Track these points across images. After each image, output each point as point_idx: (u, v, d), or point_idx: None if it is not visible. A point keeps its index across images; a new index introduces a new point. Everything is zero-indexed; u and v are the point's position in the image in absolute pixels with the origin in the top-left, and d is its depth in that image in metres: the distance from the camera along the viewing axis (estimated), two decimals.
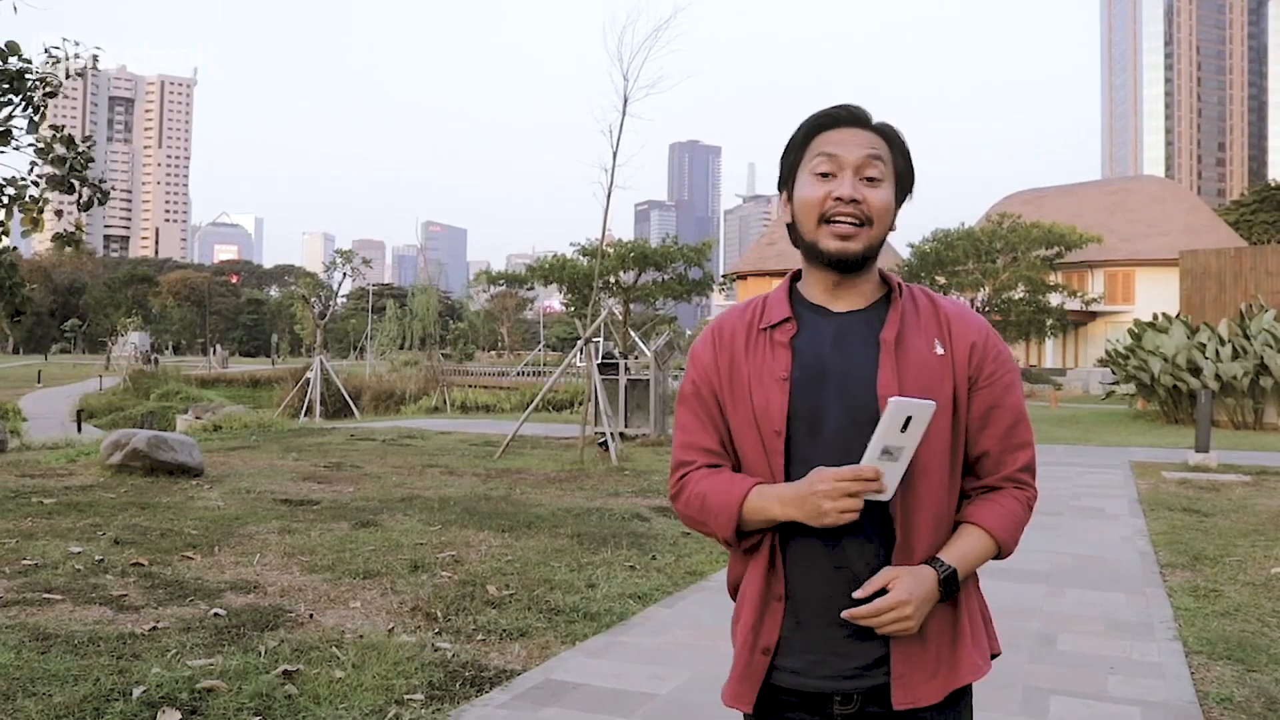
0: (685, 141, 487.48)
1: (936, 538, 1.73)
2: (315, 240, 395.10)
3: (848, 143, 1.74)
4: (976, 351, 1.76)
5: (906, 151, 1.81)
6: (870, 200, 1.73)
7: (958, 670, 1.74)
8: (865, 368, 1.71)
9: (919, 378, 1.70)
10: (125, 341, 69.05)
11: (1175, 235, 51.05)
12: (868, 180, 1.74)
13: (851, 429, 1.68)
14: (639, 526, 8.41)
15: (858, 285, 1.79)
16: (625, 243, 28.57)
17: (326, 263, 44.98)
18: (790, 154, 1.82)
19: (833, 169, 1.74)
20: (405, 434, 17.73)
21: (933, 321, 1.77)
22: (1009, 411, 1.78)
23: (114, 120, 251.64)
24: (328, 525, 8.05)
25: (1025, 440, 1.81)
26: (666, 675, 4.58)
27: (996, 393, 1.77)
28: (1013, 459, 1.80)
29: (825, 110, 1.79)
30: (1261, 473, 12.84)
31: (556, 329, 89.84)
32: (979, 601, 1.85)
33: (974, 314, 1.82)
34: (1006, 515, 1.78)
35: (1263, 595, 6.29)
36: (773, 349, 1.76)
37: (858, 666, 1.71)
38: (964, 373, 1.75)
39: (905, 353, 1.72)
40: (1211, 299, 22.84)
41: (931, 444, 1.69)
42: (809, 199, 1.75)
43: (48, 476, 10.55)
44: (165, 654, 4.56)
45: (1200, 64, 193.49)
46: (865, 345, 1.74)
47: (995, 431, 1.78)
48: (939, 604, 1.71)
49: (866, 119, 1.78)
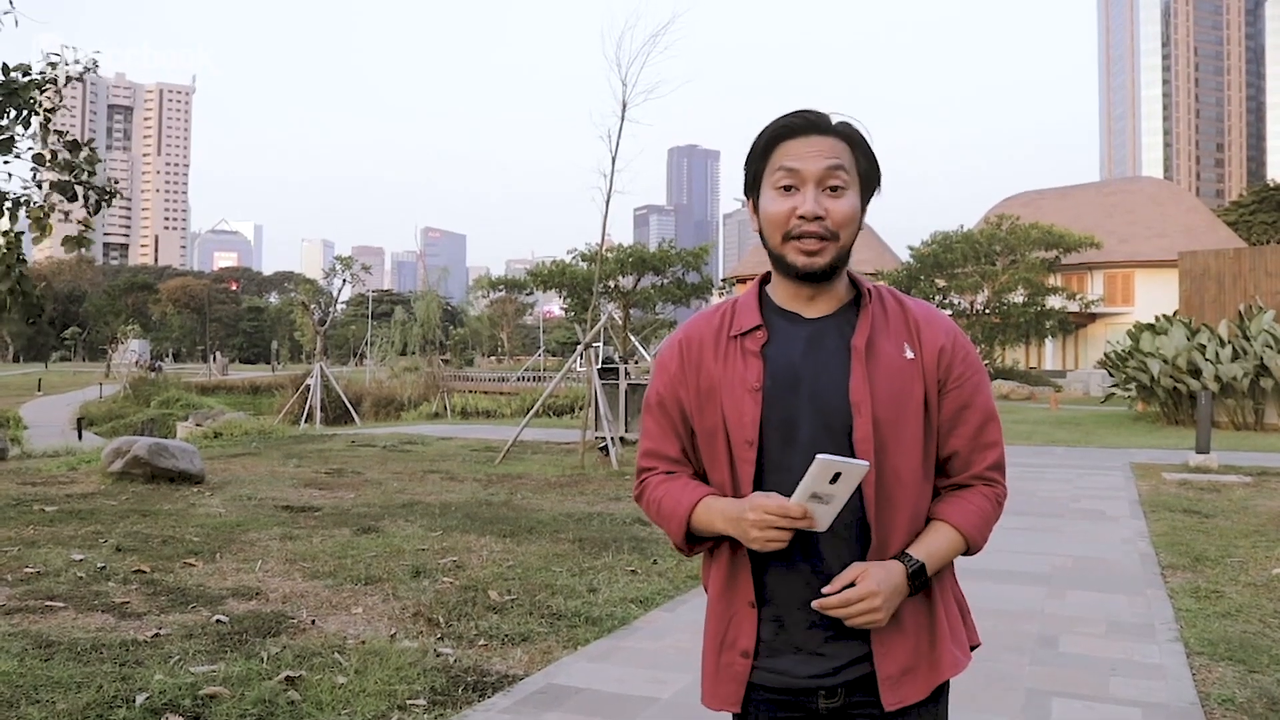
0: (684, 146, 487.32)
1: (912, 540, 1.76)
2: (314, 247, 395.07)
3: (808, 155, 1.74)
4: (945, 355, 1.78)
5: (869, 150, 1.80)
6: (834, 212, 1.73)
7: (939, 666, 1.76)
8: (837, 375, 1.73)
9: (890, 383, 1.72)
10: (125, 349, 69.09)
11: (1174, 236, 51.12)
12: (830, 190, 1.73)
13: (825, 436, 1.70)
14: (640, 531, 8.42)
15: (828, 290, 1.79)
16: (624, 247, 28.56)
17: (326, 269, 45.06)
18: (752, 163, 1.82)
19: (794, 182, 1.74)
20: (406, 440, 17.73)
21: (901, 325, 1.79)
22: (978, 412, 1.81)
23: (113, 128, 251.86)
24: (329, 531, 8.05)
25: (994, 440, 1.83)
26: (668, 679, 4.58)
27: (966, 394, 1.79)
28: (981, 458, 1.82)
29: (783, 119, 1.78)
30: (1262, 474, 12.84)
31: (556, 334, 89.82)
32: (955, 594, 1.88)
33: (941, 316, 1.84)
34: (975, 512, 1.80)
35: (1264, 596, 6.29)
36: (744, 358, 1.77)
37: (838, 665, 1.73)
38: (934, 376, 1.76)
39: (876, 359, 1.74)
40: (1211, 300, 22.84)
41: (904, 448, 1.73)
42: (773, 215, 1.75)
43: (49, 484, 10.55)
44: (168, 661, 4.57)
45: (1198, 65, 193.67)
46: (836, 352, 1.75)
47: (965, 432, 1.80)
48: (915, 599, 1.75)
49: (826, 124, 1.76)
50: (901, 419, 1.73)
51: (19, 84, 8.36)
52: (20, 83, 8.38)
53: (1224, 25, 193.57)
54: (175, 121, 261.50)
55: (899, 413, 1.72)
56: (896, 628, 1.73)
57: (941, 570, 1.81)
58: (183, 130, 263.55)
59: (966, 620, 1.89)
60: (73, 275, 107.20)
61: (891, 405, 1.72)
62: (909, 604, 1.74)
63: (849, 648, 1.73)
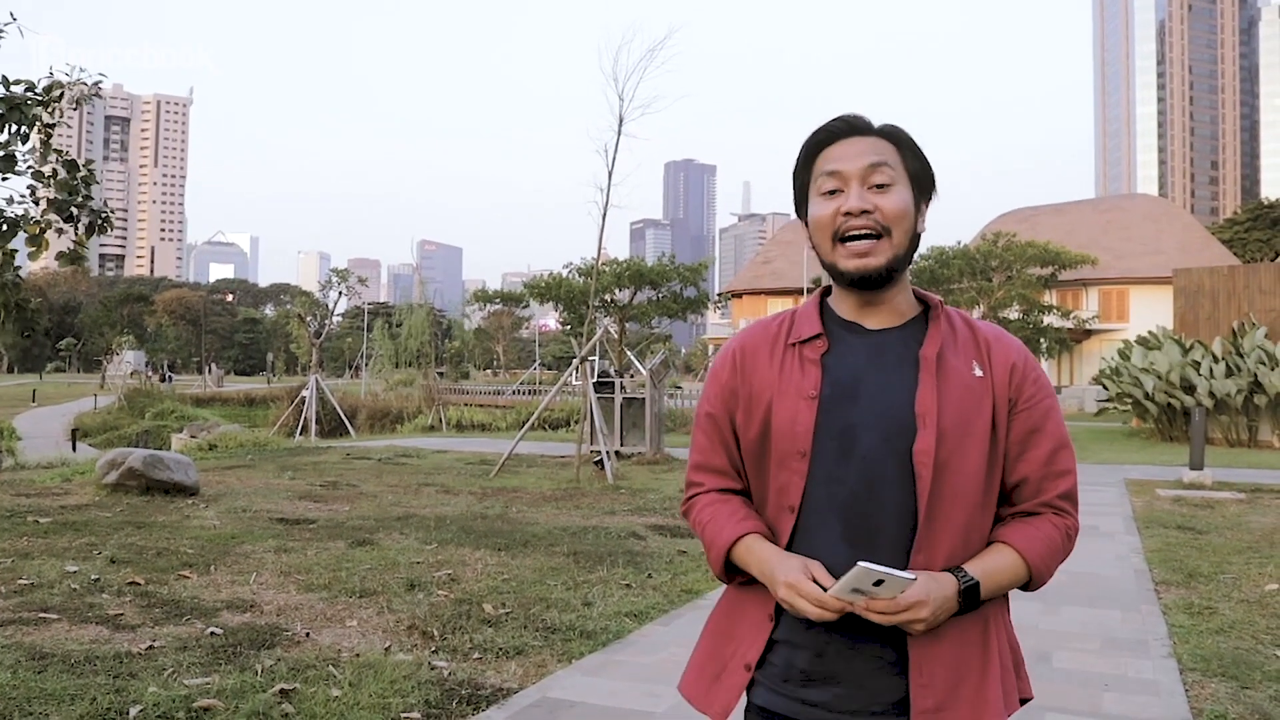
0: (680, 160, 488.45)
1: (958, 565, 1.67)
2: (311, 259, 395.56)
3: (848, 155, 1.68)
4: (1016, 374, 1.70)
5: (918, 150, 1.73)
6: (883, 206, 1.66)
7: (984, 711, 1.64)
8: (902, 385, 1.65)
9: (959, 398, 1.65)
10: (120, 361, 68.88)
11: (1169, 253, 51.27)
12: (876, 188, 1.66)
13: (884, 448, 1.62)
14: (635, 545, 8.42)
15: (890, 301, 1.72)
16: (621, 261, 28.59)
17: (322, 281, 45.05)
18: (798, 177, 1.77)
19: (838, 185, 1.68)
20: (401, 453, 17.71)
21: (970, 343, 1.72)
22: (1050, 437, 1.72)
23: (110, 139, 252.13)
24: (324, 544, 8.04)
25: (1067, 468, 1.73)
26: (663, 693, 4.58)
27: (1036, 417, 1.71)
28: (1053, 485, 1.72)
29: (823, 126, 1.73)
30: (1256, 490, 12.87)
31: (552, 348, 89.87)
32: (1010, 640, 1.77)
33: (1011, 337, 1.76)
34: (1041, 540, 1.69)
35: (1257, 612, 6.31)
36: (802, 365, 1.70)
37: (881, 704, 1.64)
38: (1004, 395, 1.68)
39: (946, 372, 1.66)
40: (1205, 317, 22.91)
41: (967, 467, 1.64)
42: (820, 219, 1.69)
43: (43, 495, 10.53)
44: (162, 673, 4.56)
45: (1192, 83, 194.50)
46: (902, 362, 1.67)
47: (1036, 456, 1.71)
48: (969, 635, 1.65)
49: (868, 126, 1.71)
50: (967, 437, 1.63)
51: (20, 99, 8.37)
52: (22, 98, 8.40)
53: (1218, 44, 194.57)
54: (172, 133, 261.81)
55: (965, 430, 1.63)
56: (939, 658, 1.62)
57: (998, 607, 1.72)
58: (180, 142, 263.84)
59: (1020, 668, 1.78)
60: (68, 287, 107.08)
61: (958, 421, 1.63)
62: (960, 636, 1.64)
63: (894, 684, 1.63)
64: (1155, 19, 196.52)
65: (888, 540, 1.62)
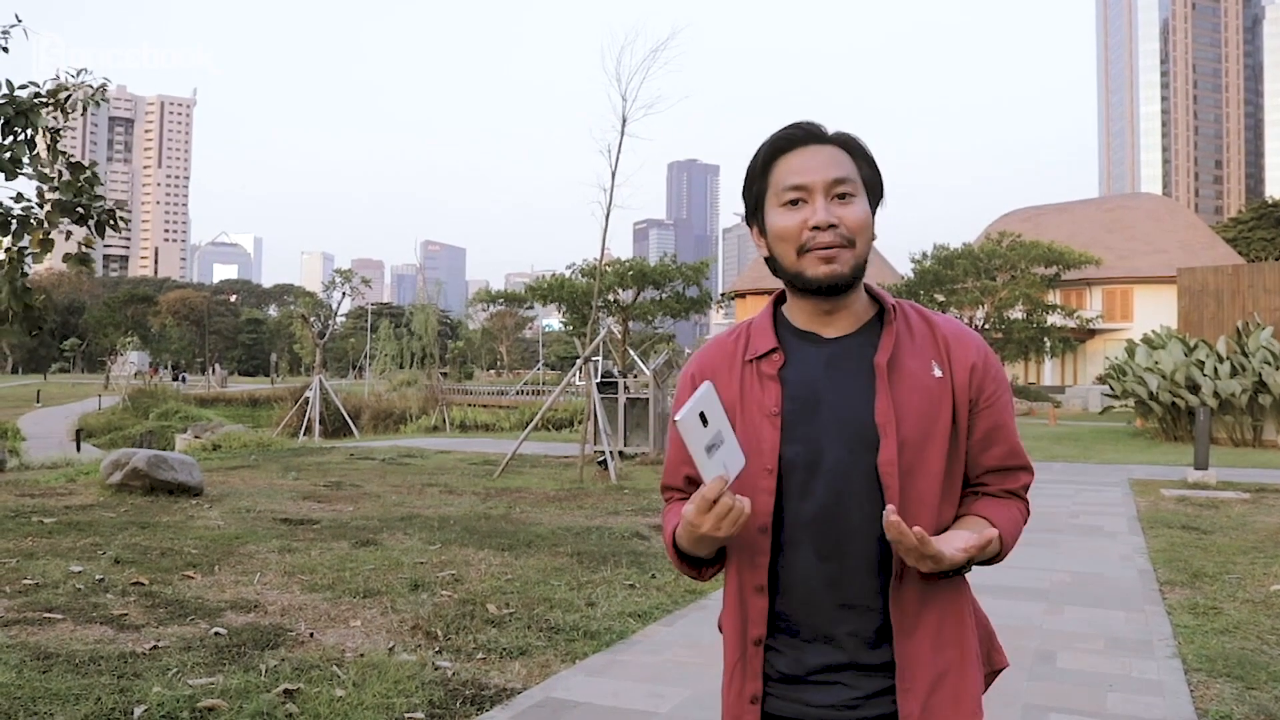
0: (684, 160, 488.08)
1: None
2: (314, 260, 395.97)
3: (811, 166, 1.67)
4: (977, 374, 1.70)
5: (870, 158, 1.73)
6: (847, 219, 1.65)
7: (960, 709, 1.68)
8: (860, 395, 1.65)
9: (918, 404, 1.65)
10: (124, 361, 68.94)
11: (1173, 253, 51.21)
12: (839, 199, 1.66)
13: (849, 460, 1.63)
14: (638, 545, 8.42)
15: (848, 306, 1.72)
16: (624, 261, 28.57)
17: (325, 282, 44.98)
18: (752, 184, 1.74)
19: (801, 196, 1.66)
20: (405, 453, 17.73)
21: (929, 341, 1.71)
22: (1010, 431, 1.75)
23: (114, 140, 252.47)
24: (328, 544, 8.05)
25: (1026, 463, 1.78)
26: (666, 694, 4.58)
27: (997, 413, 1.72)
28: (1015, 478, 1.76)
29: (779, 133, 1.71)
30: (1260, 490, 12.85)
31: (555, 348, 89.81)
32: (980, 621, 1.82)
33: (971, 333, 1.76)
34: (1008, 517, 1.73)
35: (1262, 613, 6.30)
36: (761, 382, 1.70)
37: (861, 695, 1.66)
38: (964, 396, 1.69)
39: (901, 377, 1.66)
40: (1209, 316, 22.88)
41: (929, 470, 1.65)
42: (784, 231, 1.68)
43: (47, 496, 10.55)
44: (166, 673, 4.57)
45: (1196, 82, 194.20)
46: (859, 372, 1.67)
47: (999, 452, 1.74)
48: (946, 631, 1.68)
49: (823, 134, 1.70)
50: (928, 440, 1.64)
51: (26, 104, 8.37)
52: (28, 103, 8.39)
53: (1222, 43, 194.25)
54: (176, 134, 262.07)
55: (926, 434, 1.64)
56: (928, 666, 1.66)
57: (966, 596, 1.75)
58: (183, 143, 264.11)
59: (993, 642, 1.86)
60: (72, 287, 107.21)
61: (918, 426, 1.64)
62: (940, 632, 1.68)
63: (874, 681, 1.66)
64: (1159, 17, 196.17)
65: (858, 550, 1.63)
